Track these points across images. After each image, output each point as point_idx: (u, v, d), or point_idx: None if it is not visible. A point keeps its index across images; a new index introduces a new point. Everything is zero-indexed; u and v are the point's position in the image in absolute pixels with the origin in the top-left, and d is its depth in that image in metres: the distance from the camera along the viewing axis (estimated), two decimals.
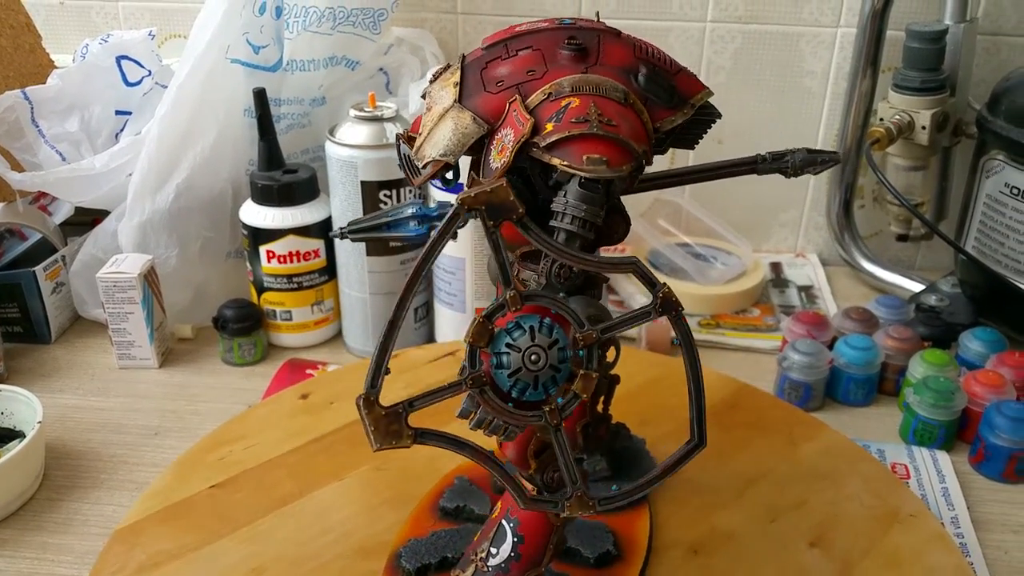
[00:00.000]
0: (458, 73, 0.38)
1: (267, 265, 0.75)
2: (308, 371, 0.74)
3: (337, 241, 0.76)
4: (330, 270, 0.78)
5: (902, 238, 0.89)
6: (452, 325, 0.76)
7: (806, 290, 0.90)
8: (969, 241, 0.78)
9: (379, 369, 0.33)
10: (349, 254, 0.75)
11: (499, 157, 0.37)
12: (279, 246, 0.74)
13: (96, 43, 0.83)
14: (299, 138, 0.83)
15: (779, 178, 0.45)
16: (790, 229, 0.97)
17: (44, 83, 0.82)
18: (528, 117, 0.36)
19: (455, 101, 0.38)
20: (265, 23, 0.77)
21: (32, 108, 0.80)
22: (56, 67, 0.89)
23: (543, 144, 0.35)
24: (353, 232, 0.48)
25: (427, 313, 0.79)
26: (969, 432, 0.66)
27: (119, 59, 0.82)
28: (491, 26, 0.91)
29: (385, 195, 0.71)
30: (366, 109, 0.72)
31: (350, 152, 0.71)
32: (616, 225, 0.41)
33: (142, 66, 0.83)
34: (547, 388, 0.34)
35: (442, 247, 0.33)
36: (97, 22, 0.96)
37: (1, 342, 0.75)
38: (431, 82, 0.41)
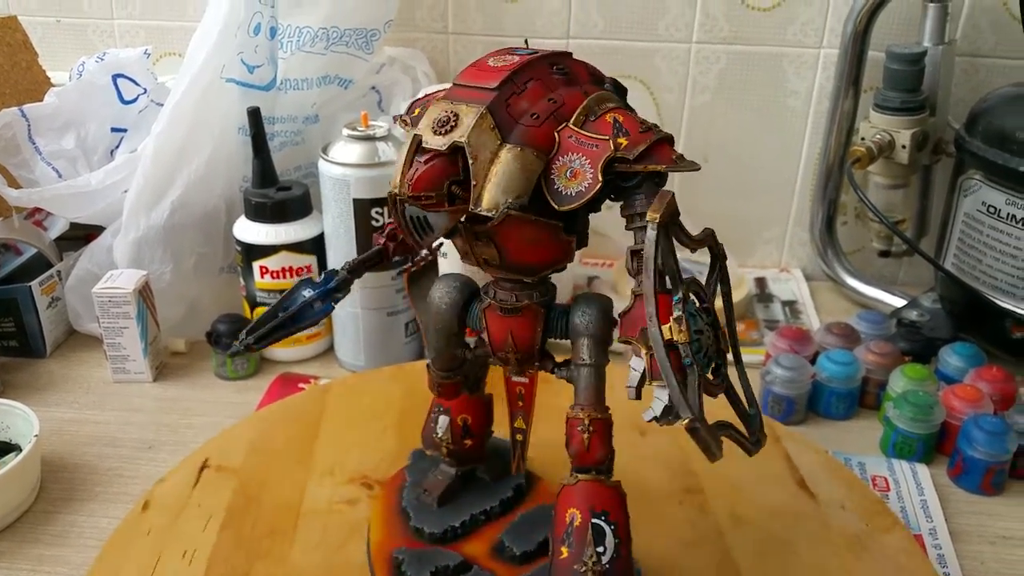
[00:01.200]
0: (489, 116, 0.38)
1: (260, 280, 0.77)
2: (300, 385, 0.75)
3: (330, 256, 0.77)
4: None
5: (884, 254, 0.91)
6: None
7: (790, 305, 0.91)
8: (948, 258, 0.80)
9: (693, 392, 0.36)
10: None
11: (574, 182, 0.38)
12: (272, 262, 0.76)
13: (92, 61, 0.84)
14: (292, 155, 0.85)
15: (764, 194, 0.48)
16: (774, 245, 0.98)
17: (41, 100, 0.83)
18: (604, 138, 0.39)
19: (501, 142, 0.39)
20: (260, 43, 0.79)
21: (29, 125, 0.81)
22: (52, 85, 0.91)
23: (632, 156, 0.38)
24: (257, 340, 0.45)
25: (418, 328, 0.80)
26: (948, 445, 0.67)
27: (115, 77, 0.84)
28: (481, 46, 0.93)
29: (377, 212, 0.73)
30: (359, 128, 0.73)
31: (343, 171, 0.72)
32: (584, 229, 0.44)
33: (138, 84, 0.85)
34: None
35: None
36: (93, 40, 0.98)
37: None
38: (444, 133, 0.39)
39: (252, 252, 0.76)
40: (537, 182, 0.39)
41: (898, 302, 0.89)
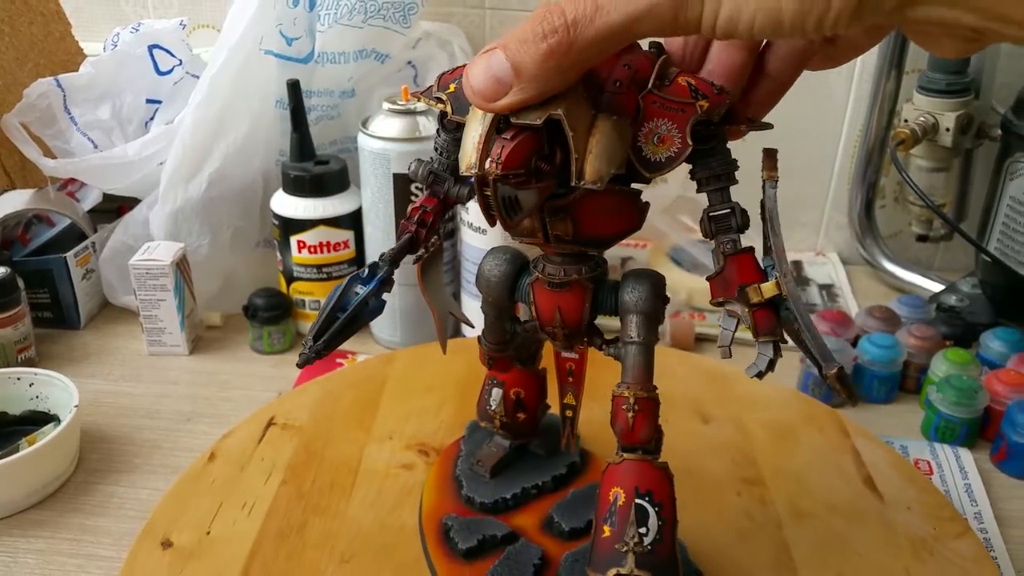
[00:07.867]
0: (580, 86, 0.36)
1: (297, 255, 0.76)
2: (338, 360, 0.75)
3: (368, 232, 0.76)
4: (359, 261, 0.78)
5: (922, 239, 0.90)
6: (479, 316, 0.77)
7: (827, 289, 0.90)
8: (991, 242, 0.79)
9: (823, 343, 0.38)
10: (379, 245, 0.75)
11: (663, 148, 0.38)
12: (310, 236, 0.75)
13: (127, 32, 0.84)
14: (328, 130, 0.84)
15: (801, 177, 0.48)
16: (811, 228, 0.97)
17: (75, 71, 0.83)
18: (687, 101, 0.38)
19: (596, 112, 0.37)
20: (298, 15, 0.78)
21: (65, 96, 0.81)
22: (86, 56, 0.90)
23: (716, 119, 0.38)
24: (326, 346, 0.44)
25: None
26: (991, 430, 0.67)
27: (151, 48, 0.83)
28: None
29: (417, 188, 0.72)
30: (399, 102, 0.73)
31: (383, 145, 0.71)
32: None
33: (173, 55, 0.84)
34: None
35: None
36: (126, 11, 0.97)
37: (32, 327, 0.75)
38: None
39: (290, 226, 0.76)
40: None
41: (935, 287, 0.88)
